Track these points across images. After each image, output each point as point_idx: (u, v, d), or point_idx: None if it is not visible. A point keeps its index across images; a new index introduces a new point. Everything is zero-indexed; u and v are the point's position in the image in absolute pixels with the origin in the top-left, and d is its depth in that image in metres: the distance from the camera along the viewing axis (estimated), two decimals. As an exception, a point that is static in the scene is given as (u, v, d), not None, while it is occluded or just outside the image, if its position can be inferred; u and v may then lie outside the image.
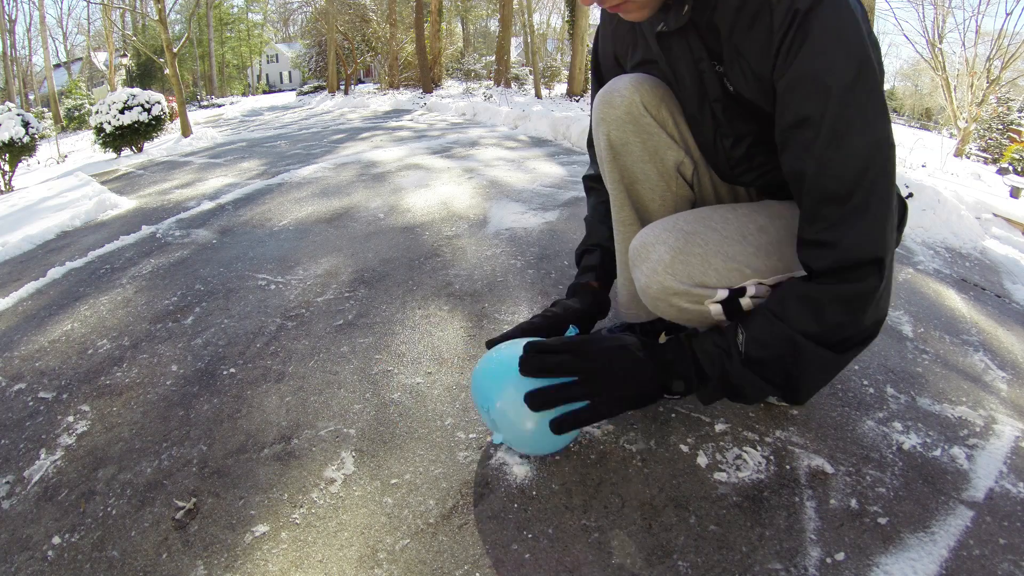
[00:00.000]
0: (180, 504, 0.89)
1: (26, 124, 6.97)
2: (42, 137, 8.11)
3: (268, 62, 44.56)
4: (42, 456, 1.06)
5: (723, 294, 0.83)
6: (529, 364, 0.80)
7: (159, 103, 7.49)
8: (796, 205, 0.80)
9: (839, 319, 0.75)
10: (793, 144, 0.75)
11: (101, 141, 7.29)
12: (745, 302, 0.84)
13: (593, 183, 1.16)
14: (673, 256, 0.83)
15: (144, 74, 28.00)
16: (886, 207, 0.73)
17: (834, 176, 0.71)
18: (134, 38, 18.33)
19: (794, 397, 0.83)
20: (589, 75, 1.15)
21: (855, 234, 0.72)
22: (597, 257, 1.11)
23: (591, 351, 0.82)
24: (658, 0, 0.79)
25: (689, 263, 0.83)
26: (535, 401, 0.78)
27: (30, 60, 30.08)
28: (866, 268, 0.74)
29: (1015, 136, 12.09)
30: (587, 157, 1.23)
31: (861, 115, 0.70)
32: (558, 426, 0.79)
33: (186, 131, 8.74)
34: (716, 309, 0.85)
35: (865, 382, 1.11)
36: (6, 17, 24.78)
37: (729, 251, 0.83)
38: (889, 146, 0.72)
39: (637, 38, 0.96)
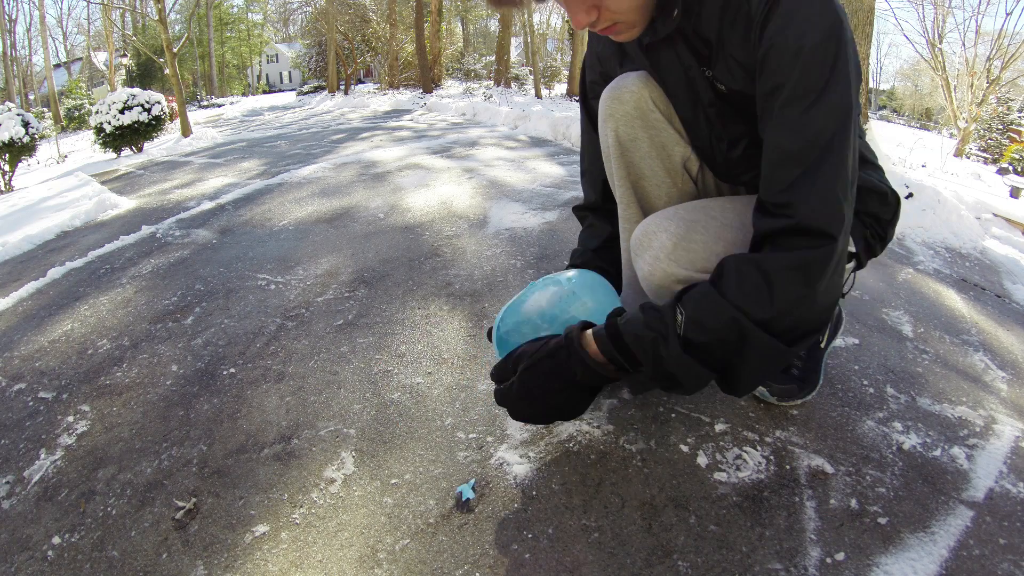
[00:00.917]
0: (180, 504, 0.89)
1: (26, 124, 6.98)
2: (42, 137, 8.11)
3: (268, 62, 44.57)
4: (42, 456, 1.06)
5: None
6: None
7: (159, 103, 7.50)
8: None
9: (792, 292, 0.71)
10: (765, 113, 0.75)
11: (101, 141, 7.31)
12: None
13: (585, 212, 1.15)
14: (675, 243, 0.83)
15: (144, 74, 27.98)
16: (841, 170, 0.72)
17: (790, 133, 0.72)
18: (134, 38, 18.35)
19: (732, 389, 0.78)
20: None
21: (807, 197, 0.71)
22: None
23: (522, 380, 0.85)
24: (645, 19, 0.80)
25: (691, 249, 0.83)
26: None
27: (30, 60, 30.13)
28: (818, 237, 0.71)
29: (1015, 136, 12.10)
30: None
31: (823, 78, 0.70)
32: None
33: (186, 131, 8.74)
34: None
35: (865, 382, 1.11)
36: (6, 17, 24.80)
37: (730, 238, 0.83)
38: (848, 114, 0.71)
39: (623, 57, 0.97)
